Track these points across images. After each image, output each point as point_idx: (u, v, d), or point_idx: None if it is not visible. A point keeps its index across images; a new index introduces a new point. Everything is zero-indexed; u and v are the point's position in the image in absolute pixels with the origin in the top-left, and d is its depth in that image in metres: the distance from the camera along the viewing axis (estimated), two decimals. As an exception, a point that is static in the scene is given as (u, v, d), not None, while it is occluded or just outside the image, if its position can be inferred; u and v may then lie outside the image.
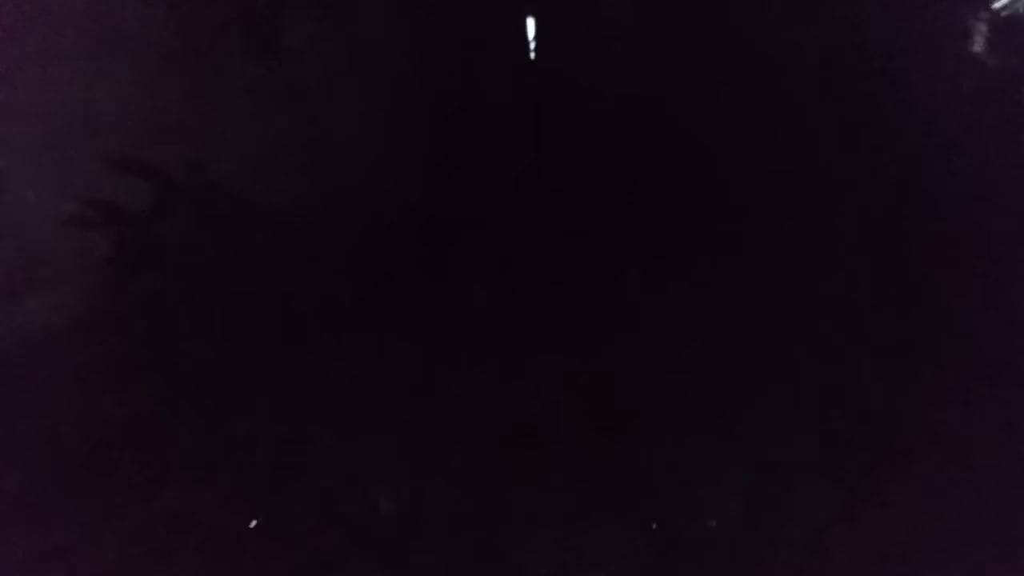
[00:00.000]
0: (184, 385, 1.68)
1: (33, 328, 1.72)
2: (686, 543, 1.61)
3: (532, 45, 1.79)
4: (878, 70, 1.76)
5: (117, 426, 1.66)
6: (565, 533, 1.62)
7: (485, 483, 1.64)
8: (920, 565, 1.59)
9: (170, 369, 1.70)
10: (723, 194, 1.77)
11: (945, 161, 1.75)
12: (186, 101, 1.75)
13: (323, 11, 1.77)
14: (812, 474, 1.64)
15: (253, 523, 1.59)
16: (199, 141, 1.75)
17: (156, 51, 1.75)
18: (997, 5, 1.79)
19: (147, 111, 1.75)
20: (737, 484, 1.65)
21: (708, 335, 1.72)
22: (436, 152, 1.79)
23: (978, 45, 1.80)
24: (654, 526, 1.60)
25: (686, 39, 1.79)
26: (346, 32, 1.78)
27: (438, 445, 1.67)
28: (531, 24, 1.79)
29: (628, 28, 1.80)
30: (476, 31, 1.79)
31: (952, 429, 1.66)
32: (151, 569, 1.59)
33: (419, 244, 1.77)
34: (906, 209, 1.75)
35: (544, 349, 1.72)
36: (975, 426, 1.66)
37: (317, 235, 1.75)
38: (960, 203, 1.74)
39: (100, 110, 1.75)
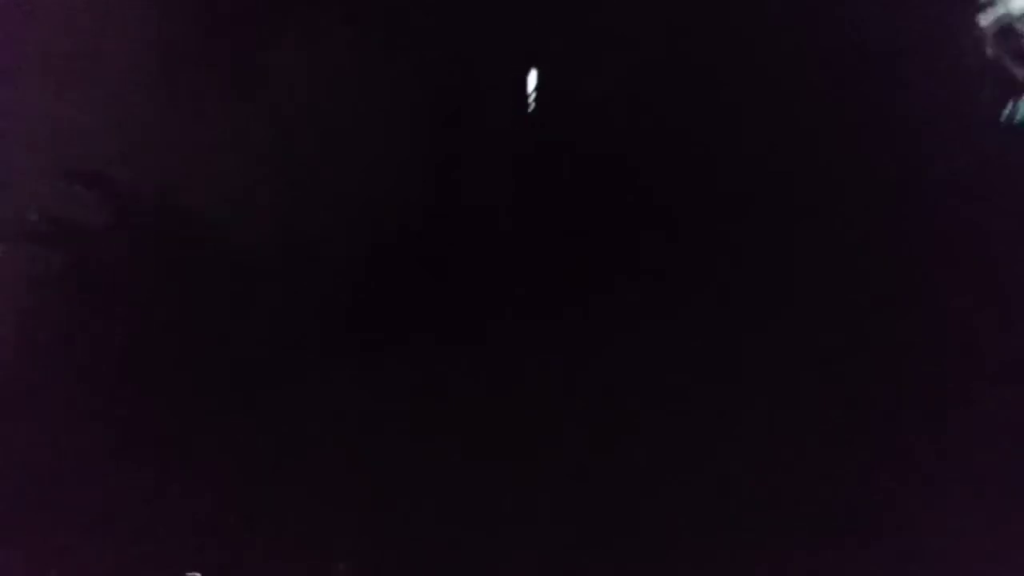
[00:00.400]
0: (183, 384, 1.69)
1: (33, 325, 1.72)
2: (686, 543, 1.61)
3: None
4: (878, 70, 1.76)
5: (116, 431, 1.66)
6: (565, 533, 1.62)
7: (485, 483, 1.64)
8: (920, 565, 1.59)
9: (172, 368, 1.70)
10: (723, 194, 1.77)
11: (945, 161, 1.75)
12: (183, 99, 1.76)
13: (318, 12, 1.77)
14: (812, 474, 1.64)
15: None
16: (197, 138, 1.75)
17: (152, 48, 1.75)
18: (996, 6, 1.79)
19: (139, 106, 1.75)
20: (737, 484, 1.65)
21: (708, 335, 1.71)
22: (435, 154, 1.79)
23: (978, 45, 1.80)
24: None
25: (686, 39, 1.79)
26: (340, 34, 1.78)
27: (438, 445, 1.67)
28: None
29: (628, 28, 1.80)
30: (475, 35, 1.79)
31: (952, 429, 1.66)
32: (151, 569, 1.59)
33: (417, 245, 1.76)
34: (906, 209, 1.75)
35: (544, 349, 1.71)
36: (975, 426, 1.66)
37: (314, 235, 1.75)
38: (960, 203, 1.74)
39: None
